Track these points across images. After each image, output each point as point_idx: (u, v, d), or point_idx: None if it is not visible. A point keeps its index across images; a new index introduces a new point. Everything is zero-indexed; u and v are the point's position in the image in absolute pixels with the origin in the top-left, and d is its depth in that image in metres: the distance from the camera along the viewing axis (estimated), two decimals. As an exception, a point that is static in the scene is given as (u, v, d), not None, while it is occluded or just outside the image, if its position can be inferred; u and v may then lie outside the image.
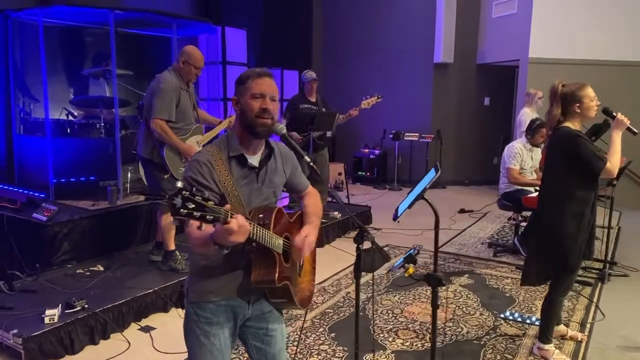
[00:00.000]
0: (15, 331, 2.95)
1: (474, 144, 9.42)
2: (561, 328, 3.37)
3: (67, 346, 3.10)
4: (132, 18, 4.79)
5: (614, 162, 2.75)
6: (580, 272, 4.60)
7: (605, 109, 3.03)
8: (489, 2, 8.73)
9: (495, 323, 3.61)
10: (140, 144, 3.88)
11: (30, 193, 4.31)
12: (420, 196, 1.85)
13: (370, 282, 4.35)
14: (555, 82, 2.99)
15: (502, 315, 3.72)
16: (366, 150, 9.50)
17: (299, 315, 3.66)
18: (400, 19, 9.23)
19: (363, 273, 2.00)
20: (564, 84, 2.96)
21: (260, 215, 1.74)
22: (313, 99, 5.77)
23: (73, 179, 4.96)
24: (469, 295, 4.11)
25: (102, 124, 5.06)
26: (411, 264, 1.88)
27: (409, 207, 1.85)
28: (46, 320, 3.08)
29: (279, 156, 1.91)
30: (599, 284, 4.37)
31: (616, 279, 4.52)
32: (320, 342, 3.31)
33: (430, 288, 1.80)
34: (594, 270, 4.63)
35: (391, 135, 8.99)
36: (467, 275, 4.58)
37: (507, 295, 4.12)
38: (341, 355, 3.14)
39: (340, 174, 8.80)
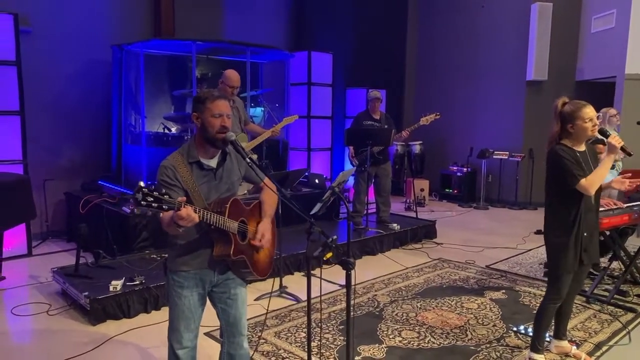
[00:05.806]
0: (86, 293, 3.81)
1: (571, 165, 8.93)
2: (565, 344, 3.36)
3: (124, 310, 3.89)
4: (211, 47, 5.65)
5: (591, 180, 2.79)
6: (629, 297, 4.39)
7: (601, 130, 3.04)
8: (589, 16, 8.34)
9: (504, 335, 3.67)
10: None
11: (125, 191, 5.31)
12: (332, 191, 2.20)
13: (402, 288, 4.61)
14: (559, 99, 3.07)
15: (514, 329, 3.76)
16: (454, 168, 9.51)
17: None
18: (493, 38, 9.18)
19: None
20: (565, 102, 3.03)
21: (218, 204, 2.24)
22: (376, 116, 6.17)
23: (164, 181, 5.91)
24: (493, 309, 4.17)
25: (190, 137, 5.97)
26: (329, 251, 2.20)
27: (322, 202, 2.20)
28: (111, 288, 3.90)
29: (234, 158, 2.41)
30: (648, 312, 4.13)
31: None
32: (327, 331, 3.69)
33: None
34: (650, 298, 4.37)
35: (477, 153, 8.92)
36: (503, 290, 4.59)
37: (535, 312, 4.08)
38: (339, 344, 3.50)
39: (422, 190, 8.96)
